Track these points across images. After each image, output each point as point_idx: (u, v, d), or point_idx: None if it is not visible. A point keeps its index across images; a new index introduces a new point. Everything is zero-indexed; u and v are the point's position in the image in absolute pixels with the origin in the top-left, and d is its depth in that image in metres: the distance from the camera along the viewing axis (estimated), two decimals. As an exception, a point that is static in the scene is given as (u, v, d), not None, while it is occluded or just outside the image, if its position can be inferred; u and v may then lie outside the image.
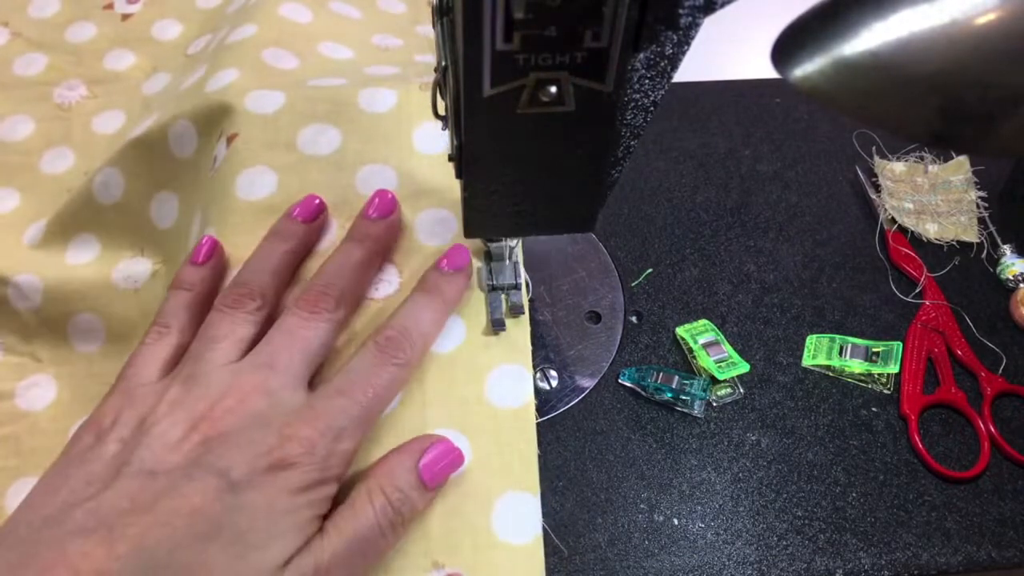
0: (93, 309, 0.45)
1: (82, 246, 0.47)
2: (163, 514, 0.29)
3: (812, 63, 0.25)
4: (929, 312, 0.47)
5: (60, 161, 0.50)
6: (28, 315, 0.44)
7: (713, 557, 0.38)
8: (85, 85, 0.54)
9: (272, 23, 0.51)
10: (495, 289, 0.43)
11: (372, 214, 0.41)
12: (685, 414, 0.42)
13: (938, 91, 0.24)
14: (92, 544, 0.29)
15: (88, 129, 0.52)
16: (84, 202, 0.47)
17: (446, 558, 0.35)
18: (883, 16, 0.24)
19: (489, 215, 0.36)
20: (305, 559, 0.31)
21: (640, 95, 0.32)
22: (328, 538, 0.32)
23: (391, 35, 0.55)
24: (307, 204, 0.41)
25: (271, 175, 0.43)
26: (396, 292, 0.40)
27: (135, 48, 0.56)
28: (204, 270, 0.39)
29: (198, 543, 0.29)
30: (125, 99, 0.53)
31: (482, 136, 0.31)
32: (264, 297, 0.38)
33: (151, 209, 0.47)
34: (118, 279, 0.45)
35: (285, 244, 0.40)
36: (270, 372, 0.34)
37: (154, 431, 0.32)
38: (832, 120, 0.57)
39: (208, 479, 0.30)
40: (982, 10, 0.23)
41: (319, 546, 0.32)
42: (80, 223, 0.47)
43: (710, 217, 0.51)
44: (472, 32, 0.26)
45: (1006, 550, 0.39)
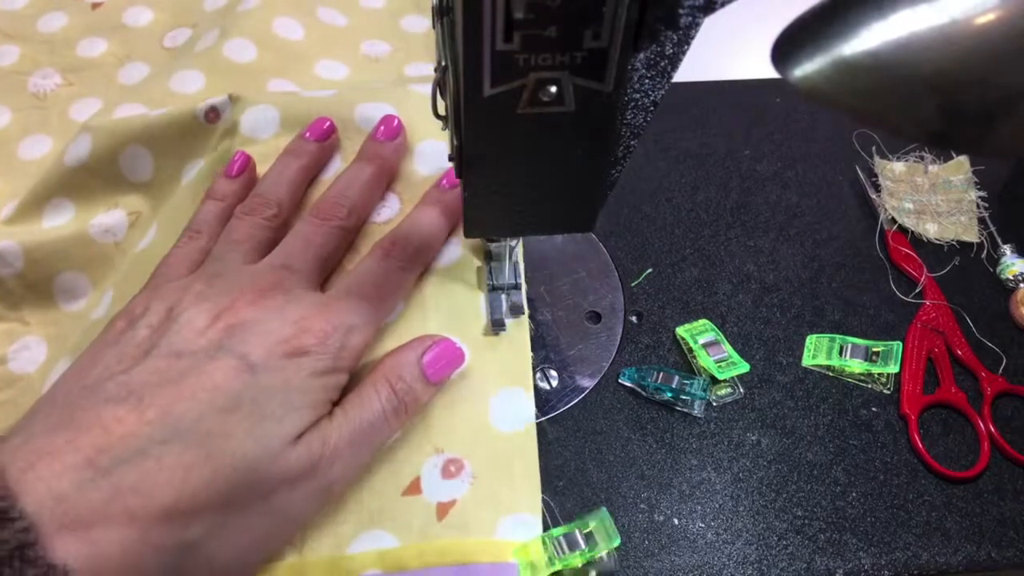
0: (76, 267, 0.46)
1: (56, 210, 0.47)
2: (188, 389, 0.32)
3: (812, 63, 0.25)
4: (929, 312, 0.47)
5: (38, 147, 0.51)
6: (12, 281, 0.45)
7: (713, 557, 0.38)
8: (59, 73, 0.54)
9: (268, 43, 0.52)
10: (495, 289, 0.43)
11: (380, 137, 0.44)
12: (685, 414, 0.42)
13: (938, 91, 0.24)
14: (124, 410, 0.31)
15: (66, 117, 0.52)
16: (54, 169, 0.47)
17: (446, 445, 0.38)
18: (883, 16, 0.24)
19: (489, 215, 0.36)
20: (315, 435, 0.34)
21: (640, 95, 0.32)
22: (337, 420, 0.35)
23: (378, 39, 0.56)
24: (317, 126, 0.45)
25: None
26: (397, 215, 0.44)
27: (107, 35, 0.56)
28: (236, 183, 0.43)
29: (220, 415, 0.32)
30: (102, 86, 0.53)
31: (482, 136, 0.31)
32: (280, 206, 0.42)
33: (120, 163, 0.47)
34: (96, 234, 0.46)
35: (299, 160, 0.44)
36: (287, 272, 0.38)
37: (180, 319, 0.35)
38: (832, 120, 0.57)
39: (229, 360, 0.33)
40: (982, 10, 0.23)
41: (328, 426, 0.34)
42: (51, 189, 0.47)
43: (710, 217, 0.51)
44: (472, 32, 0.26)
45: (1006, 550, 0.39)
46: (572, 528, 0.37)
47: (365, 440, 0.36)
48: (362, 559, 0.35)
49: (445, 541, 0.36)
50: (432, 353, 0.38)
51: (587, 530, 0.37)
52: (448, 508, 0.36)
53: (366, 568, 0.35)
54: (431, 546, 0.35)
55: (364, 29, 0.56)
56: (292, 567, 0.35)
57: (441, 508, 0.36)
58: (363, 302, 0.38)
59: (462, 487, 0.37)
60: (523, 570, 0.35)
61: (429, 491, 0.37)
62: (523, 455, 0.38)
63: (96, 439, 0.30)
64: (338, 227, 0.41)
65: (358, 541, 0.36)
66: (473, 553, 0.35)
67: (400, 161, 0.45)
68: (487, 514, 0.37)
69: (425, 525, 0.36)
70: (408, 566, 0.35)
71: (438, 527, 0.36)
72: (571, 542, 0.36)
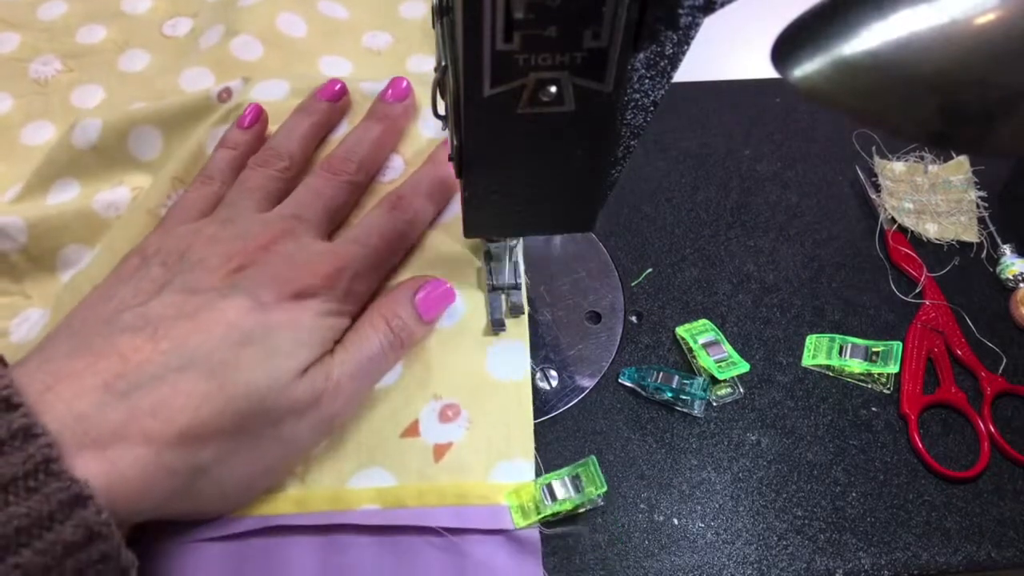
0: (79, 239, 0.46)
1: (62, 188, 0.48)
2: (202, 323, 0.34)
3: (812, 63, 0.25)
4: (929, 312, 0.47)
5: (40, 133, 0.51)
6: (16, 256, 0.46)
7: (713, 557, 0.38)
8: (60, 60, 0.54)
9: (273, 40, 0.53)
10: (495, 289, 0.43)
11: (390, 98, 0.46)
12: (685, 414, 0.42)
13: (938, 91, 0.24)
14: (140, 340, 0.33)
15: (67, 103, 0.52)
16: (62, 151, 0.48)
17: (444, 391, 0.40)
18: (883, 16, 0.24)
19: (489, 215, 0.37)
20: (319, 370, 0.36)
21: (640, 95, 0.32)
22: (339, 357, 0.37)
23: (379, 30, 0.57)
24: (329, 87, 0.47)
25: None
26: (400, 176, 0.45)
27: (106, 22, 0.56)
28: (248, 133, 0.45)
29: (233, 348, 0.34)
30: (102, 73, 0.54)
31: (482, 136, 0.31)
32: (292, 159, 0.43)
33: (129, 143, 0.48)
34: (99, 208, 0.47)
35: (311, 118, 0.45)
36: (296, 221, 0.39)
37: (194, 259, 0.37)
38: (832, 120, 0.56)
39: (241, 299, 0.35)
40: (982, 10, 0.23)
41: (331, 362, 0.37)
42: (59, 169, 0.48)
43: (710, 217, 0.51)
44: (472, 32, 0.26)
45: (1006, 550, 0.39)
46: (562, 475, 0.38)
47: (365, 374, 0.38)
48: (361, 494, 0.37)
49: (442, 482, 0.37)
50: (424, 291, 0.40)
51: (576, 477, 0.38)
52: (445, 450, 0.38)
53: (365, 502, 0.37)
54: (429, 487, 0.37)
55: (364, 20, 0.57)
56: (295, 498, 0.37)
57: (438, 450, 0.38)
58: (369, 251, 0.40)
59: (459, 431, 0.39)
60: (514, 513, 0.37)
61: (427, 434, 0.39)
62: (518, 403, 0.40)
63: (113, 365, 0.31)
64: (347, 181, 0.43)
65: (358, 477, 0.38)
66: (468, 495, 0.37)
67: (408, 122, 0.47)
68: (482, 457, 0.38)
69: (422, 466, 0.38)
70: (406, 504, 0.37)
71: (435, 468, 0.38)
72: (561, 487, 0.38)
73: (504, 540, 0.36)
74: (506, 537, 0.36)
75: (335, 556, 0.36)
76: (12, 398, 0.28)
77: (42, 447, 0.27)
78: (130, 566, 0.29)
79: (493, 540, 0.36)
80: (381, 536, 0.36)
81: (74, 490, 0.27)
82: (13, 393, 0.28)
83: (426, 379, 0.40)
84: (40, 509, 0.27)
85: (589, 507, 0.39)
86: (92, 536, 0.27)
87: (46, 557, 0.27)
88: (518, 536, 0.36)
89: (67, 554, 0.27)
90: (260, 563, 0.35)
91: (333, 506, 0.37)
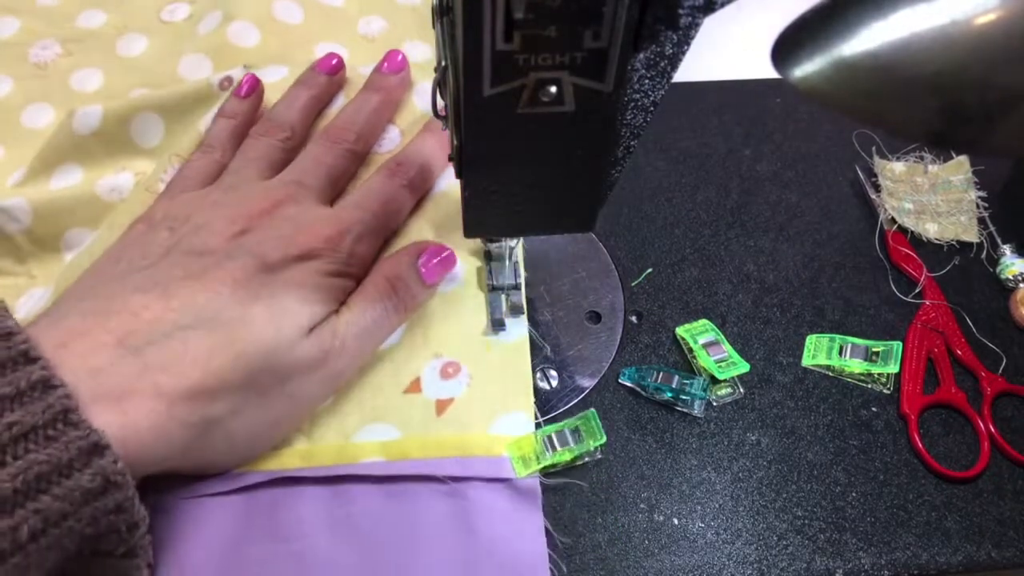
0: (83, 222, 0.47)
1: (65, 174, 0.48)
2: (210, 282, 0.35)
3: (812, 63, 0.25)
4: (929, 312, 0.47)
5: (41, 116, 0.52)
6: (20, 238, 0.46)
7: (713, 557, 0.38)
8: (59, 44, 0.54)
9: (270, 27, 0.54)
10: (495, 289, 0.43)
11: (386, 70, 0.47)
12: (685, 414, 0.42)
13: (938, 91, 0.24)
14: (150, 299, 0.34)
15: (67, 87, 0.53)
16: (64, 136, 0.48)
17: (445, 350, 0.41)
18: (883, 16, 0.24)
19: (489, 215, 0.36)
20: (326, 329, 0.37)
21: (640, 95, 0.32)
22: (344, 317, 0.38)
23: (374, 15, 0.57)
24: (326, 61, 0.48)
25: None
26: (396, 147, 0.47)
27: (106, 7, 0.57)
28: (246, 103, 0.46)
29: (240, 306, 0.35)
30: (101, 57, 0.54)
31: (482, 136, 0.31)
32: (293, 130, 0.45)
33: (131, 129, 0.48)
34: (102, 192, 0.47)
35: (310, 90, 0.47)
36: (299, 187, 0.41)
37: (199, 223, 0.38)
38: (832, 120, 0.56)
39: (247, 259, 0.36)
40: (982, 10, 0.23)
41: (337, 321, 0.38)
42: (61, 155, 0.48)
43: (710, 217, 0.51)
44: (472, 32, 0.26)
45: (1006, 550, 0.39)
46: (562, 427, 0.39)
47: (370, 334, 0.39)
48: (366, 447, 0.38)
49: (444, 435, 0.38)
50: (426, 256, 0.41)
51: (575, 428, 0.39)
52: (446, 405, 0.39)
53: (370, 455, 0.38)
54: (431, 439, 0.38)
55: (359, 6, 0.58)
56: (302, 452, 0.38)
57: (440, 405, 0.39)
58: (370, 215, 0.41)
59: (459, 387, 0.40)
60: (515, 463, 0.38)
61: (428, 390, 0.40)
62: (516, 361, 0.41)
63: (125, 322, 0.32)
64: (347, 149, 0.44)
65: (362, 432, 0.39)
66: (470, 446, 0.38)
67: (404, 93, 0.48)
68: (482, 412, 0.39)
69: (425, 420, 0.39)
70: (410, 456, 0.38)
71: (437, 422, 0.39)
72: (560, 439, 0.39)
73: (505, 488, 0.37)
74: (507, 485, 0.37)
75: (342, 506, 0.37)
76: (30, 352, 0.28)
77: (60, 398, 0.28)
78: (142, 520, 0.30)
79: (495, 488, 0.37)
80: (386, 485, 0.37)
81: (92, 439, 0.28)
82: (31, 347, 0.29)
83: (427, 338, 0.41)
84: (59, 456, 0.27)
85: (588, 459, 0.40)
86: (108, 485, 0.28)
87: (64, 503, 0.27)
88: (519, 485, 0.37)
89: (84, 501, 0.28)
90: (268, 514, 0.36)
91: (339, 459, 0.38)
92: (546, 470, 0.38)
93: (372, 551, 0.36)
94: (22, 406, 0.27)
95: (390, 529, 0.36)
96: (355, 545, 0.36)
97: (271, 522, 0.36)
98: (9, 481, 0.26)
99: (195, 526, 0.36)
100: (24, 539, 0.27)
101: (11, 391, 0.27)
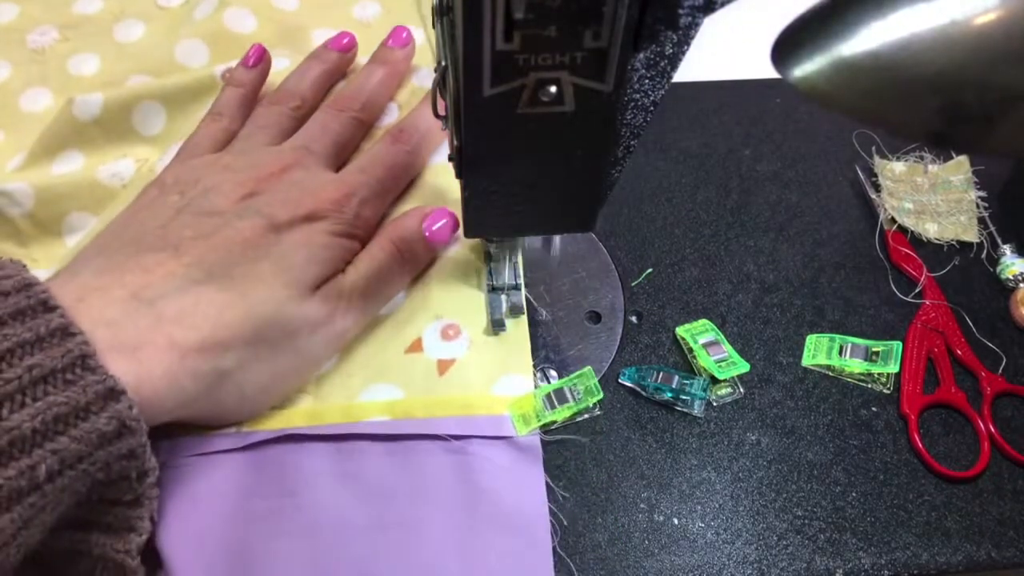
0: (85, 207, 0.47)
1: (66, 160, 0.49)
2: (220, 240, 0.36)
3: (812, 63, 0.25)
4: (929, 312, 0.47)
5: (39, 100, 0.52)
6: (22, 221, 0.46)
7: (713, 557, 0.38)
8: (57, 29, 0.55)
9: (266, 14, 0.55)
10: (495, 289, 0.43)
11: (391, 44, 0.49)
12: (685, 414, 0.42)
13: (938, 91, 0.24)
14: (163, 256, 0.35)
15: (64, 71, 0.53)
16: (65, 123, 0.48)
17: (445, 312, 0.42)
18: (883, 16, 0.24)
19: (489, 215, 0.37)
20: (332, 287, 0.39)
21: (640, 95, 0.32)
22: (350, 276, 0.40)
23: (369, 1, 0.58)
24: (338, 39, 0.49)
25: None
26: (395, 119, 0.48)
27: None
28: (253, 72, 0.47)
29: (251, 263, 0.36)
30: (97, 41, 0.55)
31: (482, 136, 0.31)
32: (304, 100, 0.46)
33: (132, 118, 0.49)
34: (103, 177, 0.47)
35: (322, 64, 0.48)
36: (306, 152, 0.42)
37: (209, 185, 0.39)
38: (832, 120, 0.56)
39: (257, 219, 0.37)
40: (982, 10, 0.23)
41: (343, 280, 0.39)
42: (62, 141, 0.48)
43: (710, 217, 0.51)
44: (472, 32, 0.26)
45: (1006, 550, 0.39)
46: (560, 385, 0.41)
47: (374, 294, 0.41)
48: (371, 406, 0.39)
49: (446, 395, 0.39)
50: (431, 219, 0.42)
51: (574, 387, 0.41)
52: (448, 366, 0.40)
53: (375, 415, 0.39)
54: (434, 398, 0.39)
55: None
56: (308, 411, 0.39)
57: (441, 365, 0.40)
58: (374, 179, 0.42)
59: (460, 348, 0.41)
60: (516, 421, 0.39)
61: (430, 350, 0.41)
62: (515, 326, 0.43)
63: (139, 278, 0.34)
64: (353, 117, 0.45)
65: (367, 391, 0.40)
66: (472, 405, 0.39)
67: (408, 68, 0.50)
68: (483, 373, 0.41)
69: (427, 380, 0.40)
70: (413, 415, 0.39)
71: (439, 382, 0.40)
72: (559, 396, 0.40)
73: (507, 445, 0.38)
74: (508, 443, 0.39)
75: (347, 461, 0.38)
76: (49, 301, 0.29)
77: (79, 343, 0.29)
78: (152, 469, 0.31)
79: (496, 444, 0.39)
80: (390, 443, 0.38)
81: (109, 384, 0.29)
82: (50, 297, 0.30)
83: (427, 301, 0.43)
84: (78, 399, 0.28)
85: (586, 415, 0.41)
86: (123, 430, 0.29)
87: (81, 445, 0.28)
88: (520, 442, 0.39)
89: (99, 445, 0.29)
90: (275, 470, 0.37)
91: (345, 419, 0.39)
92: (546, 427, 0.40)
93: (377, 504, 0.37)
94: (42, 351, 0.28)
95: (394, 484, 0.37)
96: (360, 499, 0.37)
97: (277, 477, 0.37)
98: (29, 421, 0.27)
99: (203, 482, 0.37)
100: (41, 478, 0.27)
101: (31, 337, 0.28)
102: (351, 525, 0.36)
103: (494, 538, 0.36)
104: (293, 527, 0.36)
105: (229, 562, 0.35)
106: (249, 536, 0.35)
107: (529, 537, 0.36)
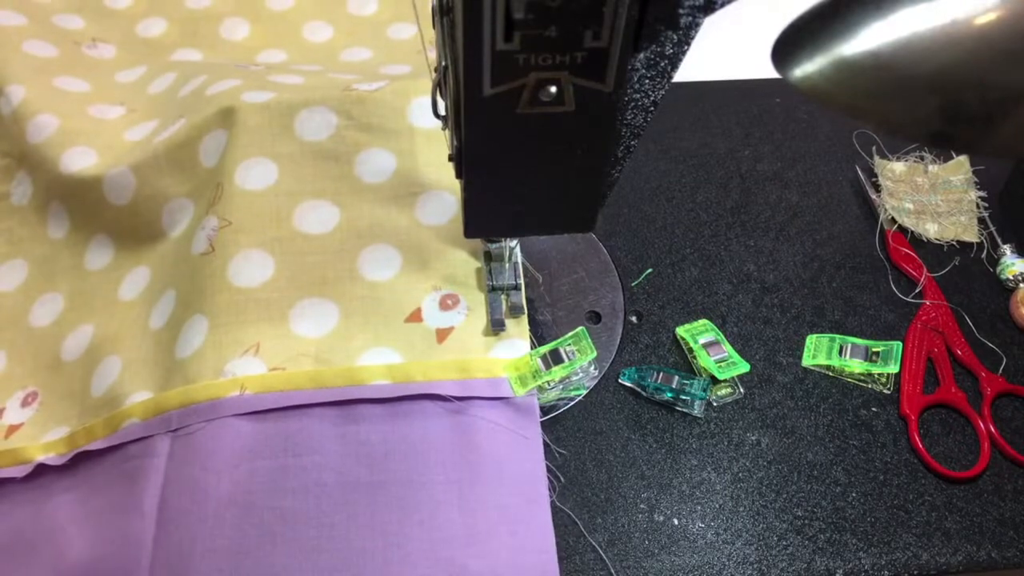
0: (83, 144, 0.48)
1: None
2: None
3: (812, 63, 0.25)
4: (929, 312, 0.47)
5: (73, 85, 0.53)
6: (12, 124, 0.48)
7: (713, 557, 0.38)
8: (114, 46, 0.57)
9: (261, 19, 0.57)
10: (495, 290, 0.43)
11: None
12: (685, 414, 0.42)
13: (938, 91, 0.24)
14: None
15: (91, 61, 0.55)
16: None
17: (443, 283, 0.44)
18: (883, 16, 0.24)
19: (489, 215, 0.36)
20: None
21: (640, 95, 0.32)
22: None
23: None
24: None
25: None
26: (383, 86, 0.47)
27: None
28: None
29: None
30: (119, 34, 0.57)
31: (482, 136, 0.31)
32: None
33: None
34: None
35: None
36: None
37: None
38: (832, 120, 0.56)
39: None
40: (982, 10, 0.23)
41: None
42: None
43: (710, 217, 0.51)
44: (472, 32, 0.26)
45: (1006, 550, 0.39)
46: (555, 345, 0.42)
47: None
48: (372, 370, 0.40)
49: (446, 359, 0.41)
50: None
51: (568, 347, 0.41)
52: (446, 334, 0.42)
53: (376, 378, 0.40)
54: (434, 363, 0.41)
55: None
56: (311, 374, 0.40)
57: (440, 333, 0.42)
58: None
59: (459, 317, 0.43)
60: (513, 383, 0.40)
61: (429, 319, 0.42)
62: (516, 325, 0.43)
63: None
64: None
65: (367, 355, 0.41)
66: (470, 369, 0.41)
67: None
68: (481, 338, 0.42)
69: (426, 347, 0.41)
70: (413, 379, 0.40)
71: (438, 349, 0.41)
72: (555, 357, 0.41)
73: (505, 405, 0.40)
74: (507, 403, 0.40)
75: (349, 425, 0.39)
76: None
77: None
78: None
79: (495, 405, 0.40)
80: (392, 405, 0.40)
81: None
82: None
83: (425, 272, 0.44)
84: None
85: (581, 375, 0.42)
86: None
87: None
88: (517, 402, 0.40)
89: None
90: (279, 432, 0.38)
91: (346, 381, 0.40)
92: (543, 386, 0.41)
93: (379, 463, 0.38)
94: None
95: (396, 443, 0.38)
96: (363, 458, 0.38)
97: (282, 439, 0.38)
98: None
99: (212, 444, 0.38)
100: None
101: None
102: (354, 483, 0.37)
103: (494, 493, 0.37)
104: (298, 485, 0.37)
105: (238, 516, 0.36)
106: (255, 494, 0.37)
107: (529, 492, 0.38)
